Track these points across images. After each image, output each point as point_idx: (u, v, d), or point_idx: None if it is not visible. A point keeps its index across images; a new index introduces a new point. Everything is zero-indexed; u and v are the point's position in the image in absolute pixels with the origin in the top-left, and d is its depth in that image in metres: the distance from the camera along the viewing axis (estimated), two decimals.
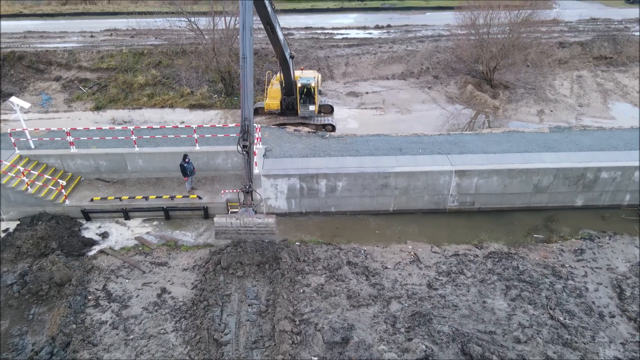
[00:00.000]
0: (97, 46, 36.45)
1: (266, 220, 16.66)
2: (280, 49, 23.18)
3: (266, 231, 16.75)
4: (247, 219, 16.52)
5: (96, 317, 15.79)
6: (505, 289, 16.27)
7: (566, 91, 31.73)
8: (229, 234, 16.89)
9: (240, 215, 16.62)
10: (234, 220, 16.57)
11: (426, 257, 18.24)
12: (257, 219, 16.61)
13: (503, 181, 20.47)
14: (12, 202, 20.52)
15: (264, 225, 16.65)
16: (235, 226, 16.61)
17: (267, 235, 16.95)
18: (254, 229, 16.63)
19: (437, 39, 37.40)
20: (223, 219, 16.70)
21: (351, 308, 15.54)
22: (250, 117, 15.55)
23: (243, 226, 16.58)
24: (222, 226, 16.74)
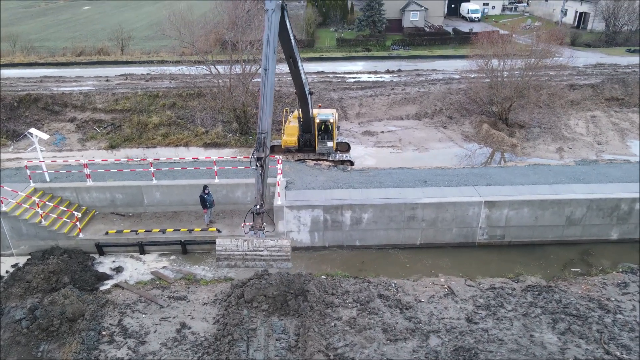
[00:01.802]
0: (112, 89, 36.84)
1: (280, 243, 14.05)
2: (300, 83, 23.20)
3: (279, 257, 13.98)
4: (256, 242, 14.00)
5: (111, 354, 14.59)
6: (552, 322, 15.14)
7: (582, 130, 31.65)
8: (233, 259, 14.17)
9: (249, 238, 14.17)
10: (240, 242, 13.95)
11: (461, 290, 17.19)
12: (269, 241, 14.06)
13: (534, 213, 19.75)
14: (24, 236, 19.72)
15: (277, 249, 14.01)
16: (241, 250, 13.90)
17: (279, 261, 14.08)
18: (265, 253, 13.93)
19: (448, 82, 37.89)
20: (227, 241, 14.05)
21: (388, 342, 14.37)
22: (268, 130, 14.71)
23: (251, 250, 13.88)
24: (225, 250, 14.04)
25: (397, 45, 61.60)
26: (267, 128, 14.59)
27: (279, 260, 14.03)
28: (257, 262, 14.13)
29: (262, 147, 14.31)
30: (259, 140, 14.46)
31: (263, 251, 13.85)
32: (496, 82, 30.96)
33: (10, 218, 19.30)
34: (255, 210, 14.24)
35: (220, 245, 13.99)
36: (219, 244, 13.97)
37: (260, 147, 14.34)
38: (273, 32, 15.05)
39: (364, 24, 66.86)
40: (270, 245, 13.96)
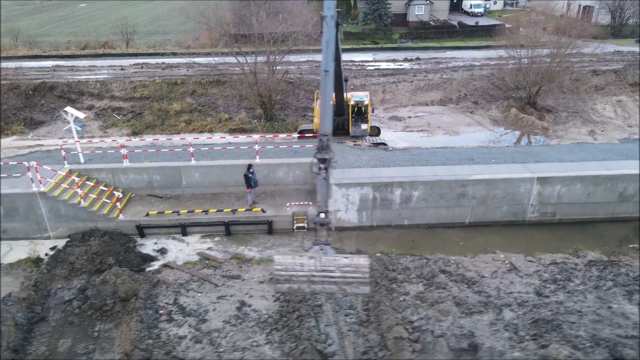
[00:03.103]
0: (129, 77, 36.02)
1: (356, 262, 11.04)
2: (339, 71, 22.70)
3: (355, 279, 10.99)
4: (325, 260, 11.04)
5: (172, 332, 13.95)
6: (627, 294, 14.72)
7: (610, 114, 31.44)
8: (296, 281, 11.15)
9: (315, 254, 11.26)
10: (306, 260, 11.07)
11: (523, 266, 16.74)
12: (342, 260, 11.13)
13: (587, 189, 19.36)
14: (63, 217, 18.94)
15: (352, 270, 10.98)
16: (307, 270, 10.99)
17: (355, 285, 11.08)
18: (337, 274, 10.97)
19: (469, 68, 37.54)
20: (288, 259, 11.17)
21: (463, 315, 13.86)
22: (330, 132, 13.63)
23: (320, 270, 11.03)
24: (287, 269, 11.03)
25: (404, 38, 61.17)
26: (330, 131, 13.59)
27: (354, 284, 11.08)
28: (327, 286, 11.18)
29: (325, 150, 13.04)
30: (321, 142, 13.20)
31: (334, 272, 11.00)
32: (525, 67, 30.66)
33: (49, 198, 18.52)
34: (320, 220, 11.96)
35: (280, 264, 11.04)
36: (278, 262, 11.10)
37: (323, 150, 13.06)
38: (332, 36, 15.08)
39: (369, 17, 66.49)
40: (343, 265, 11.01)
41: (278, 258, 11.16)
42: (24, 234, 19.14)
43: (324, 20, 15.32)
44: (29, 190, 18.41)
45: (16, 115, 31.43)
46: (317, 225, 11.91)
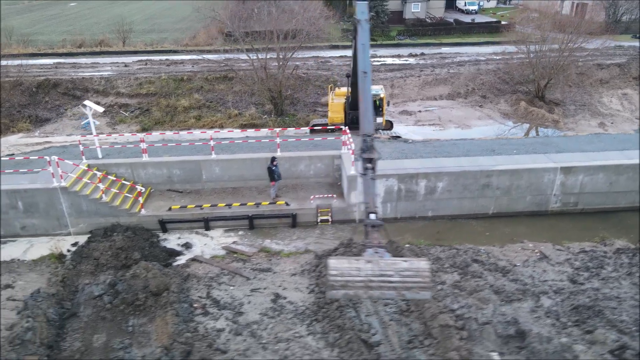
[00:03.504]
0: (134, 74, 35.59)
1: (417, 266, 10.37)
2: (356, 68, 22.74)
3: (415, 284, 10.25)
4: (383, 264, 10.36)
5: (210, 325, 13.74)
6: None
7: (617, 106, 31.78)
8: (352, 287, 10.25)
9: (372, 258, 10.53)
10: (363, 264, 10.31)
11: (553, 254, 16.79)
12: (402, 263, 10.44)
13: (609, 178, 19.49)
14: (84, 213, 18.59)
15: (412, 274, 10.25)
16: (364, 275, 10.20)
17: (415, 290, 10.30)
18: (396, 279, 10.24)
19: (475, 63, 37.71)
20: (344, 263, 10.42)
21: (504, 303, 13.84)
22: (373, 133, 13.39)
23: (378, 275, 10.28)
24: (342, 274, 10.24)
25: (402, 35, 61.27)
26: (372, 130, 13.41)
27: (414, 289, 10.32)
28: (385, 291, 10.35)
29: (370, 150, 12.78)
30: (365, 142, 12.94)
31: (393, 276, 10.28)
32: (535, 60, 30.89)
33: (70, 194, 18.16)
34: (371, 222, 11.40)
35: (335, 269, 10.23)
36: (333, 267, 10.27)
37: (368, 150, 12.79)
38: (368, 39, 15.21)
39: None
40: (403, 269, 10.30)
41: (333, 262, 10.30)
42: (43, 230, 18.76)
43: (359, 24, 15.52)
44: (50, 185, 18.04)
45: (20, 113, 30.85)
46: (368, 227, 11.40)
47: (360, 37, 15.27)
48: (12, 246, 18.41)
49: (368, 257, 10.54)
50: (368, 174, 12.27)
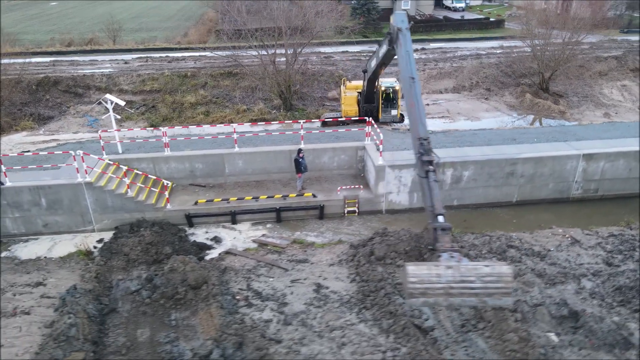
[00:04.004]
0: (135, 70, 35.01)
1: (498, 270, 10.17)
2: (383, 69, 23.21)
3: (497, 289, 10.12)
4: (465, 269, 10.18)
5: (256, 316, 13.57)
6: None
7: (618, 97, 32.47)
8: (432, 294, 10.15)
9: (451, 263, 10.39)
10: (443, 270, 10.16)
11: (583, 239, 17.07)
12: (483, 268, 10.16)
13: (629, 165, 19.90)
14: (109, 208, 18.21)
15: (494, 279, 10.07)
16: (445, 281, 10.06)
17: (497, 296, 10.20)
18: (477, 284, 10.08)
19: (477, 57, 38.12)
20: (423, 270, 10.15)
21: (548, 286, 14.02)
22: (428, 136, 13.52)
23: (459, 281, 10.10)
24: (422, 281, 10.03)
25: None
26: (427, 134, 13.61)
27: (496, 295, 10.16)
28: (466, 298, 10.20)
29: (429, 153, 12.99)
30: (423, 146, 13.12)
31: (475, 282, 10.06)
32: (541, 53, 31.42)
33: (95, 189, 17.76)
34: (440, 225, 11.42)
35: (414, 276, 9.97)
36: (412, 274, 9.98)
37: (427, 153, 12.98)
38: (411, 46, 15.80)
39: (358, 12, 66.81)
40: (485, 274, 10.05)
41: (412, 269, 10.00)
42: (66, 227, 18.33)
43: (400, 33, 15.92)
44: (75, 180, 17.60)
45: (22, 111, 30.04)
46: (438, 231, 11.24)
47: (403, 44, 15.64)
48: (35, 244, 17.93)
49: (448, 263, 10.33)
50: (430, 176, 12.29)
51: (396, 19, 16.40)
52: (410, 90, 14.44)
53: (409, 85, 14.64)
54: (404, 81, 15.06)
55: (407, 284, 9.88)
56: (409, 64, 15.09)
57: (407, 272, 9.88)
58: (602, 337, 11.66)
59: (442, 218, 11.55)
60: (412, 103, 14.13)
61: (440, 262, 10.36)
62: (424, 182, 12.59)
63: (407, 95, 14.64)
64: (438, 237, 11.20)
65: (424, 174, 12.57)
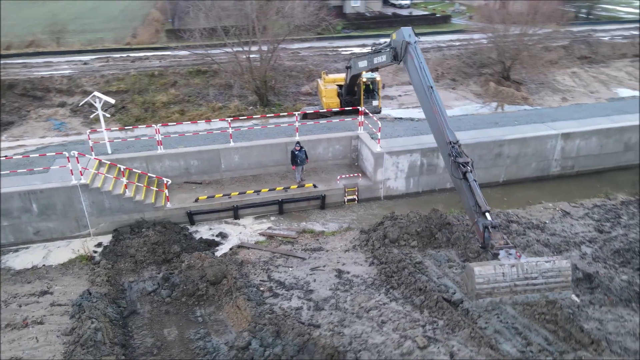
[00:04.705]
0: (98, 71, 33.51)
1: (559, 265, 10.49)
2: None
3: (557, 284, 10.50)
4: (527, 267, 10.41)
5: (285, 305, 13.59)
6: None
7: (571, 83, 34.86)
8: (498, 293, 10.38)
9: (511, 260, 10.63)
10: (507, 269, 10.35)
11: (572, 211, 18.35)
12: (545, 264, 10.49)
13: (600, 142, 21.53)
14: (106, 210, 17.44)
15: (554, 274, 10.44)
16: (510, 279, 10.34)
17: (558, 290, 10.56)
18: (539, 280, 10.42)
19: (438, 49, 39.58)
20: (489, 269, 10.29)
21: (557, 253, 15.00)
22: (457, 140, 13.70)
23: (522, 278, 10.37)
24: (489, 281, 10.23)
25: (347, 29, 62.54)
26: (456, 138, 13.80)
27: (557, 289, 10.57)
28: (529, 295, 10.53)
29: (461, 154, 13.24)
30: (455, 149, 13.35)
31: (537, 278, 10.40)
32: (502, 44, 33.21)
33: (91, 191, 16.95)
34: (490, 222, 11.46)
35: (481, 276, 10.16)
36: (479, 275, 10.16)
37: (459, 155, 13.18)
38: (422, 57, 15.94)
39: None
40: (546, 270, 10.42)
41: (478, 270, 10.07)
42: (60, 233, 17.36)
43: (410, 46, 16.03)
44: (69, 183, 16.72)
45: None
46: (489, 229, 11.34)
47: (415, 57, 15.77)
48: (27, 253, 16.87)
49: (508, 261, 10.56)
50: (469, 177, 12.46)
51: (404, 34, 16.57)
52: (430, 99, 14.62)
53: (427, 94, 14.79)
54: (421, 91, 15.22)
55: (473, 285, 9.99)
56: (424, 74, 15.23)
57: (474, 273, 9.97)
58: (617, 294, 12.69)
59: (489, 215, 11.59)
60: (435, 110, 14.36)
61: (500, 260, 10.51)
62: (462, 183, 12.65)
63: (427, 103, 14.81)
64: (490, 235, 11.31)
65: (460, 176, 12.66)
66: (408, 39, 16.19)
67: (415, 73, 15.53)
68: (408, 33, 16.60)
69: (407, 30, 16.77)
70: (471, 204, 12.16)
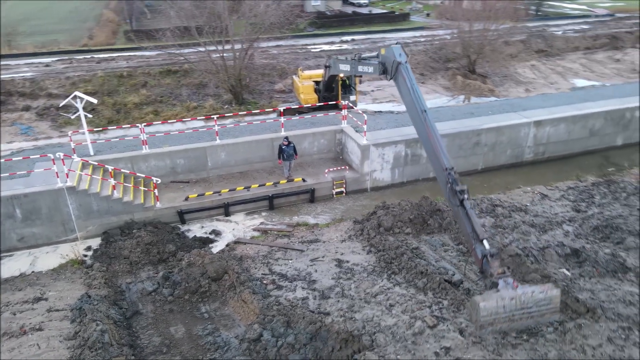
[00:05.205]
0: (62, 73, 32.30)
1: (550, 295, 11.15)
2: None
3: (548, 310, 11.32)
4: (524, 298, 11.02)
5: (290, 296, 13.75)
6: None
7: (532, 75, 36.58)
8: (498, 323, 11.12)
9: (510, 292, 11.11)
10: (508, 302, 10.96)
11: (549, 194, 19.41)
12: (538, 294, 11.11)
13: (568, 128, 22.83)
14: (94, 213, 17.00)
15: (546, 302, 11.16)
16: (508, 310, 10.99)
17: (548, 315, 11.42)
18: (534, 309, 11.17)
19: (406, 45, 40.34)
20: (491, 302, 10.89)
21: (542, 233, 15.90)
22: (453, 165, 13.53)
23: (520, 308, 11.03)
24: (492, 313, 10.90)
25: (310, 27, 62.93)
26: (452, 164, 13.62)
27: (547, 314, 11.39)
28: (524, 322, 11.31)
29: (458, 181, 13.02)
30: (451, 176, 13.13)
31: (532, 307, 11.10)
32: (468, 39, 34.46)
33: (78, 193, 16.46)
34: (489, 251, 11.65)
35: (485, 310, 10.83)
36: (484, 309, 10.82)
37: (456, 182, 12.97)
38: (414, 78, 15.62)
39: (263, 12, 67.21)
40: (540, 300, 11.15)
41: (484, 305, 10.75)
42: (45, 239, 16.77)
43: (401, 66, 15.66)
44: (54, 186, 16.18)
45: None
46: (487, 257, 11.56)
47: (407, 79, 15.39)
48: (12, 261, 16.19)
49: (507, 291, 11.06)
50: (466, 204, 12.44)
51: (394, 53, 16.10)
52: (425, 123, 14.28)
53: (422, 118, 14.41)
54: (415, 115, 14.83)
55: (478, 317, 10.69)
56: (416, 97, 14.84)
57: (480, 308, 10.62)
58: (604, 265, 13.61)
59: (487, 243, 11.81)
60: (431, 135, 14.01)
61: (500, 291, 11.04)
62: (459, 210, 12.60)
63: (421, 127, 14.52)
64: (490, 263, 11.58)
65: (458, 203, 12.60)
66: (399, 59, 15.81)
67: (407, 95, 15.18)
68: (399, 52, 16.16)
69: (397, 49, 16.31)
70: (469, 230, 12.27)
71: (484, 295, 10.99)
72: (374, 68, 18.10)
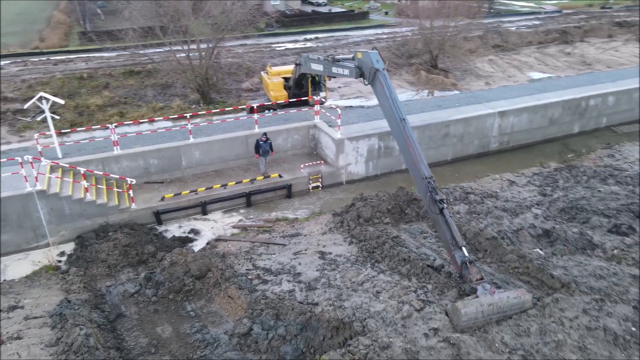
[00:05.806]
0: (18, 76, 30.92)
1: (523, 299, 11.72)
2: None
3: (520, 309, 11.85)
4: (501, 304, 11.52)
5: (277, 289, 13.81)
6: (602, 180, 19.18)
7: (490, 70, 37.94)
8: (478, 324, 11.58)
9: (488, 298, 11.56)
10: (486, 307, 11.47)
11: (516, 180, 20.28)
12: (513, 300, 11.63)
13: (530, 118, 23.88)
14: (67, 217, 16.47)
15: (520, 306, 11.74)
16: (487, 314, 11.50)
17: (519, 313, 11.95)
18: (508, 312, 11.70)
19: (368, 42, 41.14)
20: (471, 308, 11.41)
21: (514, 217, 16.61)
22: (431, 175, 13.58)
23: (496, 312, 11.60)
24: (471, 318, 11.45)
25: (271, 26, 62.81)
26: (430, 173, 13.64)
27: (519, 313, 11.92)
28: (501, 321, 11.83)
29: (437, 191, 13.21)
30: (430, 185, 13.21)
31: (507, 311, 11.67)
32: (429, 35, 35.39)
33: (49, 197, 15.88)
34: (467, 258, 12.24)
35: (466, 315, 11.39)
36: (465, 314, 11.36)
37: (435, 191, 13.13)
38: (392, 86, 15.40)
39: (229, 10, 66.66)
40: (514, 304, 11.70)
41: (464, 311, 11.36)
42: (14, 246, 16.11)
43: (379, 73, 15.38)
44: (24, 190, 15.56)
45: None
46: (467, 264, 12.07)
47: (385, 87, 15.15)
48: None
49: (485, 297, 11.55)
50: (445, 213, 12.72)
51: (372, 59, 15.78)
52: (404, 132, 14.18)
53: (401, 127, 14.30)
54: (393, 123, 14.68)
55: (459, 321, 11.35)
56: (395, 106, 14.67)
57: (461, 314, 11.30)
58: (573, 244, 14.40)
59: (465, 250, 12.30)
60: (410, 144, 14.00)
61: (479, 297, 11.58)
62: (439, 219, 12.87)
63: (400, 136, 14.45)
64: (468, 270, 12.18)
65: (437, 212, 12.81)
66: (377, 66, 15.51)
67: (386, 103, 15.06)
68: (376, 58, 15.81)
69: (374, 55, 15.98)
70: (448, 237, 12.66)
71: (465, 302, 11.55)
72: (349, 71, 17.78)
